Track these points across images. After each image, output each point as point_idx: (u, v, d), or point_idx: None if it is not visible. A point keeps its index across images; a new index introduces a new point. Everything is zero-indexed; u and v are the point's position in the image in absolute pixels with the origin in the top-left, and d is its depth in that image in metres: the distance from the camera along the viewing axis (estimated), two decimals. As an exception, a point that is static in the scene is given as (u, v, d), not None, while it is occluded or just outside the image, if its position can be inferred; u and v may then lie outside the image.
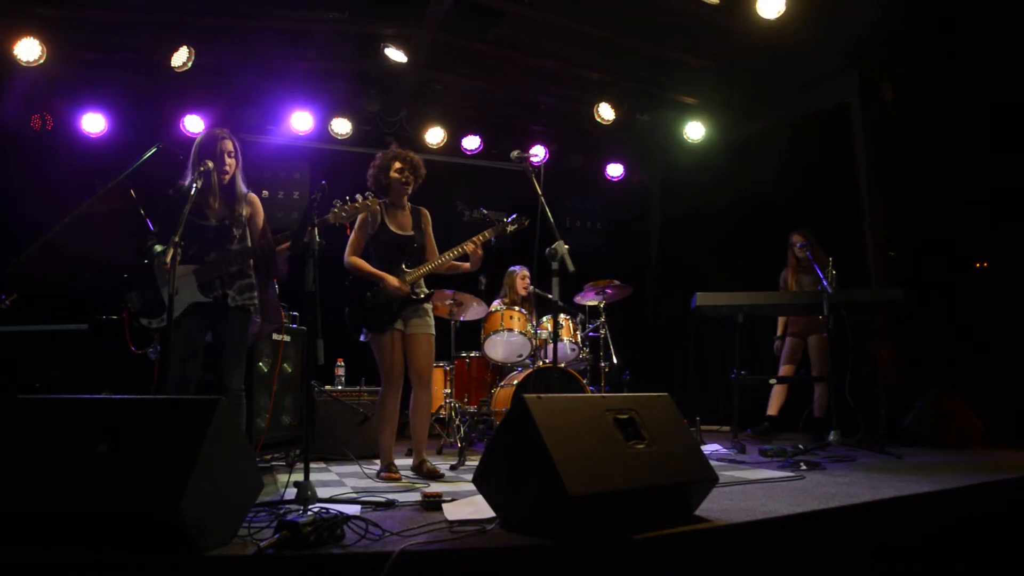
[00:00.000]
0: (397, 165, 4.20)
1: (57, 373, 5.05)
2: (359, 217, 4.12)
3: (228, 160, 3.70)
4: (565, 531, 2.26)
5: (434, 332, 4.25)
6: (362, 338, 4.19)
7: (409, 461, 4.53)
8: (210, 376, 3.69)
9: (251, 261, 3.76)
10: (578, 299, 6.36)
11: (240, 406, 3.67)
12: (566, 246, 3.80)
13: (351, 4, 5.91)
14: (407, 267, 4.16)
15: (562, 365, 5.63)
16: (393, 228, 4.19)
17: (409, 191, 4.26)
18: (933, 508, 3.19)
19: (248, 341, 3.83)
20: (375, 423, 4.17)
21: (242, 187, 3.81)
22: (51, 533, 2.08)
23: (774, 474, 3.90)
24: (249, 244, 3.78)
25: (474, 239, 4.20)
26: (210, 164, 3.60)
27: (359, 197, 3.66)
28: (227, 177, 3.70)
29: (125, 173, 4.35)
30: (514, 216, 4.31)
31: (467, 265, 4.32)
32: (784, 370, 6.26)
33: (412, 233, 4.22)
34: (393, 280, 4.06)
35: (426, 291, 4.22)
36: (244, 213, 3.80)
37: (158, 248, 3.63)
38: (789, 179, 7.20)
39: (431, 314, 4.28)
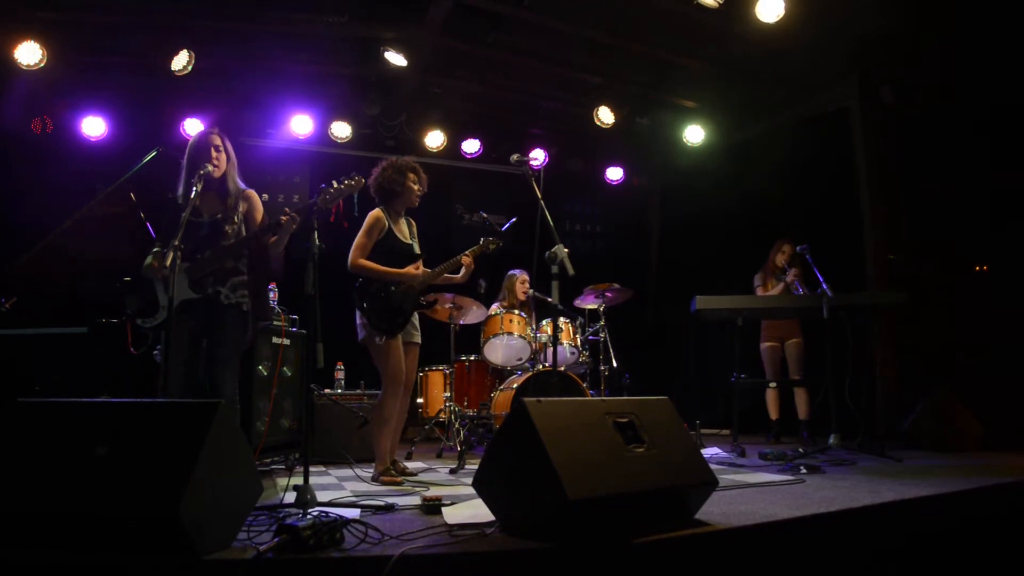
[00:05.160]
0: (414, 177, 4.32)
1: (57, 376, 5.04)
2: (366, 222, 4.22)
3: (215, 155, 3.65)
4: (565, 535, 2.26)
5: (420, 341, 4.43)
6: (370, 339, 4.14)
7: (407, 464, 4.54)
8: (208, 378, 3.59)
9: (245, 259, 3.70)
10: (578, 302, 6.36)
11: (234, 413, 3.59)
12: (566, 250, 3.80)
13: (351, 8, 5.92)
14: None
15: (562, 369, 5.63)
16: (400, 236, 4.30)
17: (415, 204, 4.40)
18: (933, 512, 3.18)
19: (244, 344, 3.74)
20: (376, 426, 4.15)
21: (238, 183, 3.76)
22: (51, 536, 2.08)
23: (774, 478, 3.90)
24: (235, 241, 3.70)
25: (465, 253, 4.36)
26: (209, 167, 3.60)
27: (344, 179, 3.61)
28: (217, 172, 3.64)
29: (125, 176, 4.35)
30: (491, 238, 4.50)
31: (458, 277, 4.44)
32: (771, 374, 6.44)
33: (411, 242, 4.36)
34: (411, 271, 4.18)
35: (431, 299, 4.37)
36: (240, 209, 3.74)
37: (155, 250, 3.62)
38: (789, 182, 7.21)
39: (417, 320, 4.44)
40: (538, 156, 8.01)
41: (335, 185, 3.58)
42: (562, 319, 5.90)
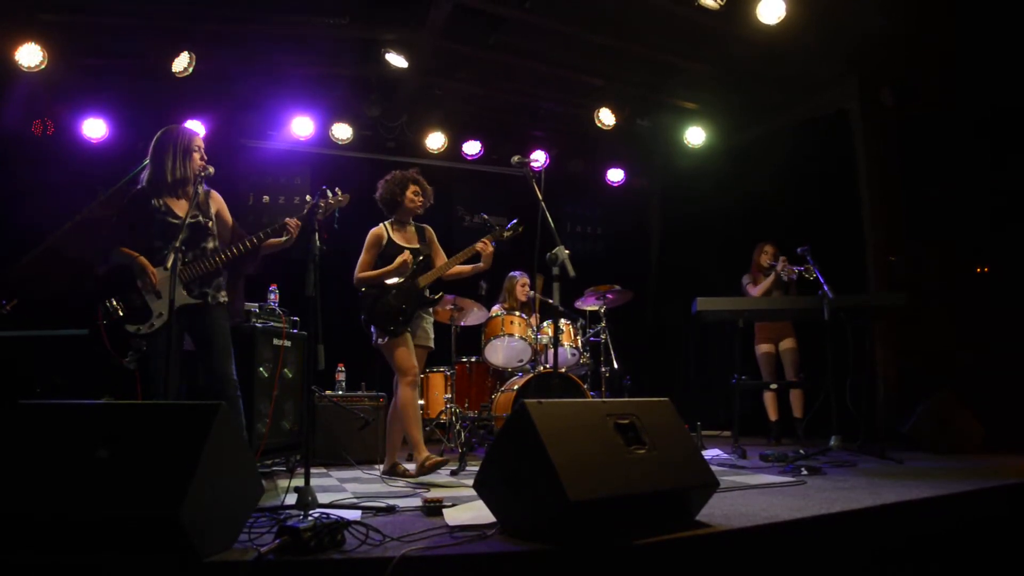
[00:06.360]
0: (414, 189, 4.47)
1: (58, 378, 5.04)
2: (366, 241, 4.40)
3: (204, 157, 3.67)
4: (566, 536, 2.26)
5: (433, 346, 4.55)
6: (376, 342, 4.31)
7: (408, 466, 4.53)
8: (204, 379, 3.60)
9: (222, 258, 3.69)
10: (579, 304, 6.36)
11: (238, 398, 3.59)
12: (567, 251, 3.81)
13: (351, 10, 5.92)
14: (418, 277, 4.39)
15: (563, 370, 5.63)
16: (400, 242, 4.44)
17: (419, 213, 4.55)
18: (934, 513, 3.18)
19: None
20: (400, 422, 4.27)
21: (203, 184, 3.75)
22: (52, 538, 2.08)
23: (775, 479, 3.90)
24: (217, 241, 3.72)
25: (481, 241, 4.44)
26: (210, 169, 3.60)
27: (329, 194, 3.62)
28: (203, 175, 3.63)
29: (126, 179, 4.34)
30: (513, 222, 4.55)
31: (478, 266, 4.53)
32: (767, 376, 6.55)
33: (417, 246, 4.48)
34: (399, 258, 4.28)
35: (438, 295, 4.48)
36: (212, 209, 3.76)
37: (130, 252, 3.48)
38: (790, 184, 7.21)
39: (432, 326, 4.56)
40: (539, 158, 8.02)
41: (324, 200, 3.57)
42: (563, 320, 5.90)
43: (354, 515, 2.74)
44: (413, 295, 4.32)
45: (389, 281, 4.32)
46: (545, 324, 6.03)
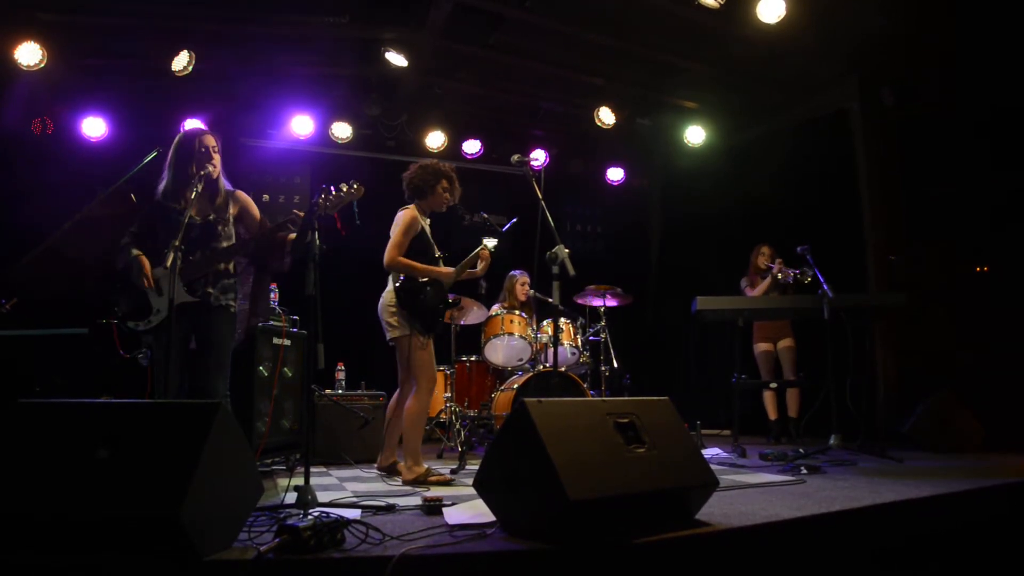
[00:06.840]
0: (446, 184, 4.31)
1: (57, 377, 5.04)
2: (403, 221, 4.15)
3: (215, 156, 3.64)
4: (565, 535, 2.26)
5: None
6: (392, 340, 4.15)
7: (441, 466, 4.52)
8: (199, 381, 3.55)
9: (235, 259, 3.67)
10: (579, 300, 6.35)
11: None
12: (566, 250, 3.80)
13: (351, 9, 5.92)
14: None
15: (562, 369, 5.63)
16: (429, 236, 4.30)
17: (439, 211, 4.39)
18: (934, 512, 3.19)
19: (235, 340, 3.73)
20: (411, 428, 4.09)
21: (226, 184, 3.73)
22: (52, 538, 2.08)
23: (775, 478, 3.90)
24: (235, 242, 3.70)
25: (484, 248, 4.37)
26: (210, 167, 3.59)
27: (344, 186, 3.55)
28: (214, 173, 3.61)
29: (126, 177, 4.35)
30: (511, 225, 4.50)
31: (478, 271, 4.45)
32: (765, 375, 6.59)
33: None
34: (446, 270, 4.19)
35: (455, 297, 4.47)
36: (231, 211, 3.72)
37: (134, 252, 3.52)
38: (790, 183, 7.21)
39: None
40: (539, 157, 8.02)
41: (335, 192, 3.53)
42: (563, 319, 5.90)
43: (354, 514, 2.74)
44: (443, 296, 4.22)
45: (423, 279, 4.15)
46: (545, 323, 6.03)
